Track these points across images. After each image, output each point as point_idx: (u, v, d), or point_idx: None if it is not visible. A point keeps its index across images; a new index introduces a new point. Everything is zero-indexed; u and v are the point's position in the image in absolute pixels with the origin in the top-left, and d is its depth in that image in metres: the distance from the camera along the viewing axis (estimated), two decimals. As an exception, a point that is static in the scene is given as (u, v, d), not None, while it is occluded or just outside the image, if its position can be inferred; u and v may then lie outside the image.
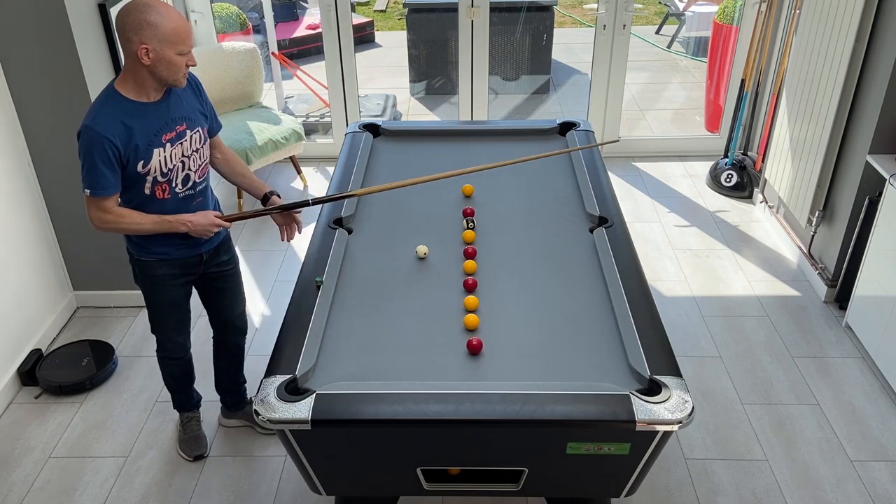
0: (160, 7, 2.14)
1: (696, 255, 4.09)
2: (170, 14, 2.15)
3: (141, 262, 2.54)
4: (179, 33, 2.16)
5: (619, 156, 5.12)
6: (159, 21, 2.12)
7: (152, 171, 2.32)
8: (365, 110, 5.44)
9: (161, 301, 2.64)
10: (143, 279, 2.59)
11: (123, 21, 2.13)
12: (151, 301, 2.65)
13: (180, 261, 2.55)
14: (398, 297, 2.44)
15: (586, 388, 2.00)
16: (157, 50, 2.14)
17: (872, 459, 2.87)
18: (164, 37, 2.13)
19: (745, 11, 4.68)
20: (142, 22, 2.10)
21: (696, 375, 3.27)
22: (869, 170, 3.35)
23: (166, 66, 2.19)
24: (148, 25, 2.11)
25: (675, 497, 2.73)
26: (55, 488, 2.81)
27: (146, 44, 2.12)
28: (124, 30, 2.13)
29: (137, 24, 2.11)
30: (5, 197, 3.19)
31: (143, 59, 2.15)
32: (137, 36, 2.12)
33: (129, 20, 2.12)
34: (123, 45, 2.16)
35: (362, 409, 1.95)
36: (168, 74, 2.21)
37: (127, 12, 2.13)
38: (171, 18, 2.14)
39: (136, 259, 2.55)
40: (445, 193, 3.01)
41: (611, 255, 2.56)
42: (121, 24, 2.13)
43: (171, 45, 2.15)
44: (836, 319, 3.59)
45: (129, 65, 2.21)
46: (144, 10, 2.11)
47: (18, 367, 3.27)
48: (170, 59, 2.17)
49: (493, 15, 4.81)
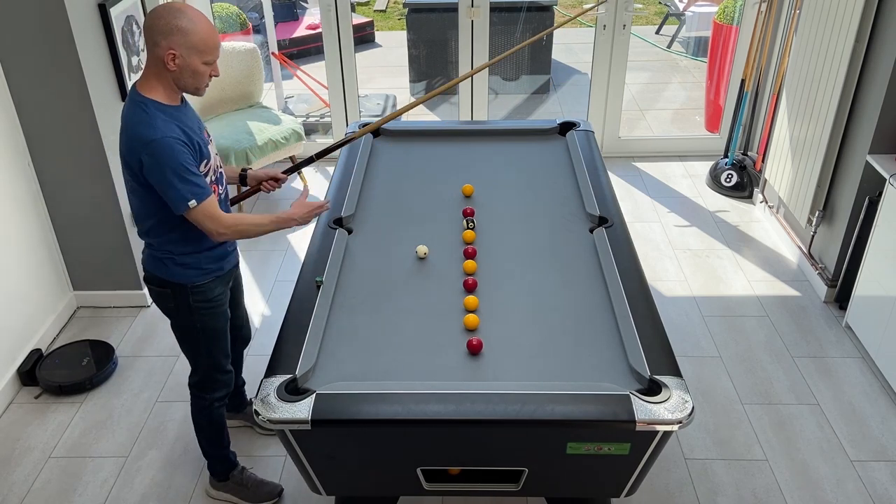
0: (192, 14, 2.08)
1: (696, 255, 4.09)
2: (201, 22, 2.08)
3: (195, 290, 2.33)
4: (208, 42, 2.09)
5: (619, 156, 5.12)
6: (190, 28, 2.05)
7: (211, 171, 2.26)
8: (365, 110, 5.44)
9: (218, 327, 2.44)
10: (198, 308, 2.37)
11: (153, 23, 2.06)
12: (206, 331, 2.42)
13: (228, 273, 2.45)
14: (398, 297, 2.43)
15: (586, 388, 2.00)
16: (185, 57, 2.07)
17: (872, 459, 2.87)
18: (192, 45, 2.07)
19: (745, 11, 4.68)
20: (173, 27, 2.04)
21: (696, 375, 3.27)
22: (869, 170, 3.35)
23: (191, 74, 2.12)
24: (178, 31, 2.04)
25: (675, 497, 2.73)
26: (55, 488, 2.81)
27: (174, 49, 2.06)
28: (153, 32, 2.06)
29: (168, 29, 2.04)
30: (5, 197, 3.19)
31: (169, 64, 2.08)
32: (166, 41, 2.05)
33: (160, 23, 2.05)
34: (150, 47, 2.09)
35: (362, 409, 1.95)
36: (191, 83, 2.14)
37: (158, 15, 2.06)
38: (201, 26, 2.07)
39: (189, 288, 2.33)
40: (445, 193, 3.01)
41: (611, 255, 2.56)
42: (150, 25, 2.07)
43: (198, 53, 2.09)
44: (836, 319, 3.59)
45: (153, 69, 2.12)
46: (177, 15, 2.05)
47: (18, 367, 3.27)
48: (195, 67, 2.10)
49: (493, 15, 4.81)
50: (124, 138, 2.12)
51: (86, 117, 3.24)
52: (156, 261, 2.33)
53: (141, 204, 2.23)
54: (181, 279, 2.32)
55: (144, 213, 2.25)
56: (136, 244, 3.62)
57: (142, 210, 2.24)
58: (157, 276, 2.34)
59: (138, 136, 2.08)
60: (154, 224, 2.25)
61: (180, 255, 2.30)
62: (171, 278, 2.32)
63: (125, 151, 2.13)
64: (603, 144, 5.08)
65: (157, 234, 2.28)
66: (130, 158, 2.12)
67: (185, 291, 2.34)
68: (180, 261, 2.30)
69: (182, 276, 2.32)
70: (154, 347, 3.49)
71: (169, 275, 2.32)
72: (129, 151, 2.11)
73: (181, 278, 2.32)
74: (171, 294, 2.35)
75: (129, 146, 2.11)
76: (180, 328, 2.45)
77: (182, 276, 2.32)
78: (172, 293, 2.35)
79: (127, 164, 2.15)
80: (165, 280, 2.33)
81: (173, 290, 2.34)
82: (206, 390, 2.54)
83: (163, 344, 3.50)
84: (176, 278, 2.32)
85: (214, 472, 2.72)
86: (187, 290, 2.34)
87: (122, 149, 2.15)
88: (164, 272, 2.32)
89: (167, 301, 2.38)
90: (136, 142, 2.09)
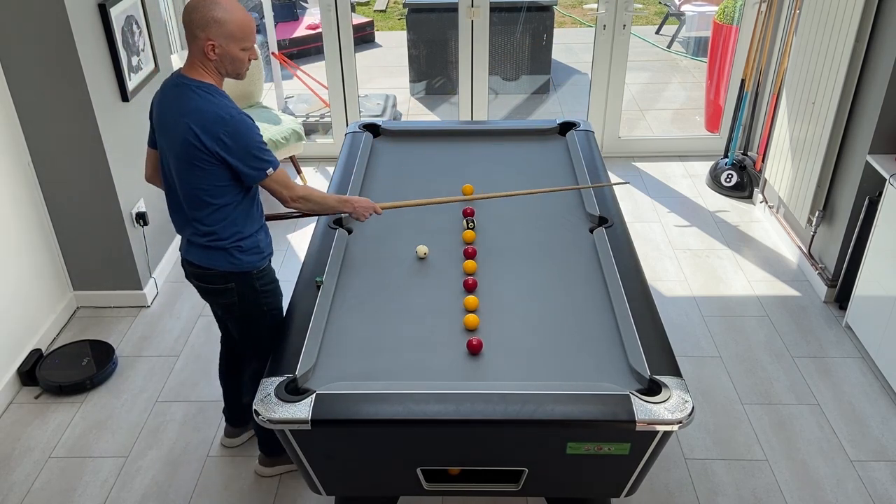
0: (226, 3, 2.14)
1: (696, 255, 4.09)
2: (235, 10, 2.14)
3: (260, 274, 2.39)
4: (244, 29, 2.16)
5: (619, 156, 5.12)
6: (226, 18, 2.12)
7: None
8: (365, 110, 5.44)
9: (280, 305, 2.48)
10: (264, 292, 2.41)
11: (190, 17, 2.12)
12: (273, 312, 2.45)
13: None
14: (398, 297, 2.43)
15: (586, 388, 2.00)
16: (223, 46, 2.14)
17: (872, 459, 2.87)
18: (230, 33, 2.13)
19: (745, 11, 4.68)
20: (209, 19, 2.11)
21: (696, 375, 3.27)
22: (869, 170, 3.35)
23: (231, 61, 2.19)
24: (215, 22, 2.11)
25: (675, 497, 2.73)
26: (55, 488, 2.81)
27: (213, 40, 2.13)
28: (191, 26, 2.13)
29: (205, 21, 2.11)
30: (5, 197, 3.19)
31: (210, 54, 2.15)
32: (204, 32, 2.12)
33: (196, 16, 2.11)
34: (190, 39, 2.16)
35: (362, 409, 1.95)
36: (232, 69, 2.21)
37: (194, 8, 2.12)
38: (236, 15, 2.14)
39: (255, 275, 2.38)
40: (445, 193, 3.01)
41: (611, 255, 2.56)
42: (188, 20, 2.13)
43: (236, 41, 2.15)
44: (836, 319, 3.59)
45: (197, 59, 2.19)
46: (211, 7, 2.11)
47: (18, 367, 3.27)
48: (234, 54, 2.17)
49: (493, 15, 4.81)
50: (194, 121, 2.13)
51: (86, 117, 3.24)
52: (218, 253, 2.32)
53: (207, 188, 2.22)
54: (247, 266, 2.35)
55: (208, 198, 2.24)
56: (137, 244, 3.62)
57: (204, 196, 2.24)
58: (220, 270, 2.34)
59: (215, 115, 2.14)
60: (217, 209, 2.26)
61: (245, 239, 2.32)
62: (236, 268, 2.34)
63: (198, 134, 2.13)
64: (603, 144, 5.08)
65: (221, 219, 2.28)
66: (206, 140, 2.13)
67: (250, 279, 2.37)
68: (246, 245, 2.33)
69: (247, 264, 2.35)
70: (154, 347, 3.49)
71: (234, 265, 2.33)
72: (205, 133, 2.13)
73: (247, 266, 2.35)
74: (234, 287, 2.37)
75: (205, 127, 2.13)
76: (245, 318, 2.45)
77: (247, 264, 2.35)
78: (237, 285, 2.37)
79: (195, 147, 2.15)
80: (228, 273, 2.34)
81: (238, 282, 2.36)
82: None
83: (163, 344, 3.50)
84: (242, 267, 2.34)
85: (272, 450, 2.75)
86: (252, 277, 2.37)
87: (187, 134, 2.14)
88: (228, 264, 2.33)
89: (229, 295, 2.39)
90: (213, 122, 2.13)
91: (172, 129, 2.19)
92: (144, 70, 3.66)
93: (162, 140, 2.27)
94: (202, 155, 2.16)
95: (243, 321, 2.47)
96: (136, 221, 3.61)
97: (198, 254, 2.35)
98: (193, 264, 2.38)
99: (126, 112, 3.53)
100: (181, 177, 2.24)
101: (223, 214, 2.27)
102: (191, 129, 2.13)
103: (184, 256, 2.42)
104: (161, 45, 3.87)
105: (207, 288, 2.42)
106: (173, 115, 2.18)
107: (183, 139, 2.15)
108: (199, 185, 2.22)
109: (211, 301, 2.51)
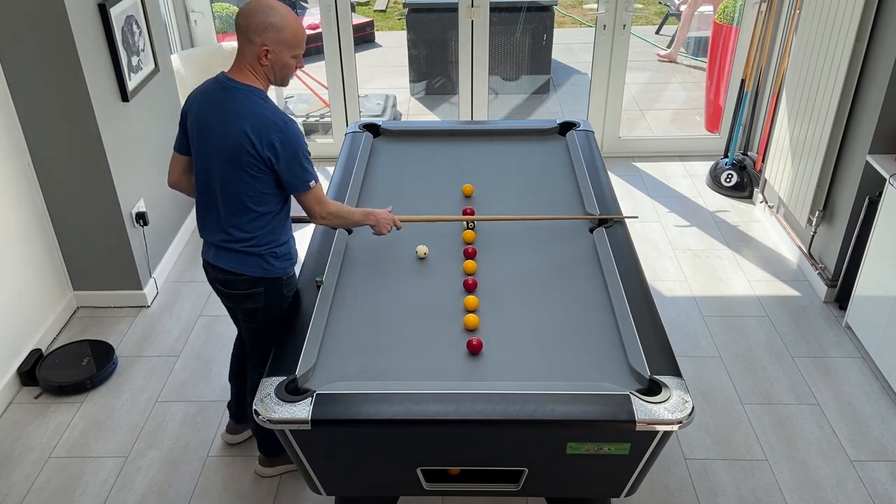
0: (283, 10, 2.16)
1: (696, 255, 4.09)
2: (291, 17, 2.17)
3: (289, 280, 2.41)
4: (298, 38, 2.19)
5: (619, 156, 5.12)
6: (283, 24, 2.14)
7: None
8: (365, 110, 5.44)
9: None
10: (287, 297, 2.41)
11: (247, 22, 2.14)
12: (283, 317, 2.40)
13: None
14: (398, 297, 2.43)
15: (586, 388, 2.00)
16: (276, 52, 2.16)
17: (872, 459, 2.87)
18: (285, 40, 2.16)
19: (745, 11, 4.68)
20: (266, 25, 2.13)
21: (696, 375, 3.27)
22: (869, 170, 3.35)
23: (281, 68, 2.21)
24: (271, 28, 2.13)
25: (675, 497, 2.73)
26: (55, 488, 2.81)
27: (267, 45, 2.15)
28: (247, 30, 2.14)
29: (262, 27, 2.13)
30: (5, 197, 3.19)
31: (262, 59, 2.17)
32: (260, 38, 2.14)
33: (254, 21, 2.13)
34: (243, 43, 2.17)
35: (362, 410, 1.95)
36: (280, 75, 2.23)
37: (251, 13, 2.14)
38: (292, 22, 2.16)
39: (284, 281, 2.39)
40: (445, 193, 3.01)
41: (611, 255, 2.56)
42: (244, 24, 2.15)
43: (289, 48, 2.18)
44: (836, 319, 3.59)
45: (247, 63, 2.20)
46: (269, 13, 2.13)
47: (18, 367, 3.27)
48: (285, 61, 2.20)
49: (493, 15, 4.81)
50: (250, 126, 2.14)
51: (86, 117, 3.24)
52: (252, 259, 2.32)
53: (253, 195, 2.23)
54: (279, 272, 2.36)
55: (253, 205, 2.24)
56: (137, 244, 3.62)
57: (249, 202, 2.24)
58: (251, 275, 2.33)
59: (269, 120, 2.15)
60: (258, 216, 2.27)
61: (280, 246, 2.34)
62: (268, 274, 2.34)
63: (252, 139, 2.14)
64: (603, 144, 5.08)
65: (261, 227, 2.29)
66: (259, 145, 2.14)
67: (279, 284, 2.38)
68: (281, 252, 2.35)
69: (279, 270, 2.36)
70: (154, 347, 3.49)
71: (266, 271, 2.34)
72: (260, 137, 2.14)
73: (279, 272, 2.36)
74: (262, 292, 2.37)
75: (260, 132, 2.14)
76: (266, 322, 2.43)
77: (279, 270, 2.36)
78: (266, 290, 2.37)
79: (247, 153, 2.15)
80: (259, 278, 2.34)
81: (268, 287, 2.36)
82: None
83: (163, 344, 3.50)
84: (274, 273, 2.35)
85: (272, 451, 2.75)
86: (282, 283, 2.38)
87: (241, 138, 2.14)
88: (261, 270, 2.33)
89: (256, 300, 2.38)
90: (268, 127, 2.14)
91: (221, 132, 2.18)
92: (144, 70, 3.66)
93: (203, 144, 2.25)
94: (253, 161, 2.17)
95: (262, 327, 2.46)
96: (136, 221, 3.61)
97: (230, 259, 2.33)
98: (224, 270, 2.35)
99: (126, 112, 3.53)
100: (226, 182, 2.23)
101: (264, 222, 2.29)
102: (245, 133, 2.14)
103: (211, 262, 2.38)
104: (161, 45, 3.87)
105: (234, 294, 2.40)
106: (223, 119, 2.18)
107: (235, 144, 2.16)
108: (244, 192, 2.22)
109: (234, 305, 2.47)
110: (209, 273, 2.43)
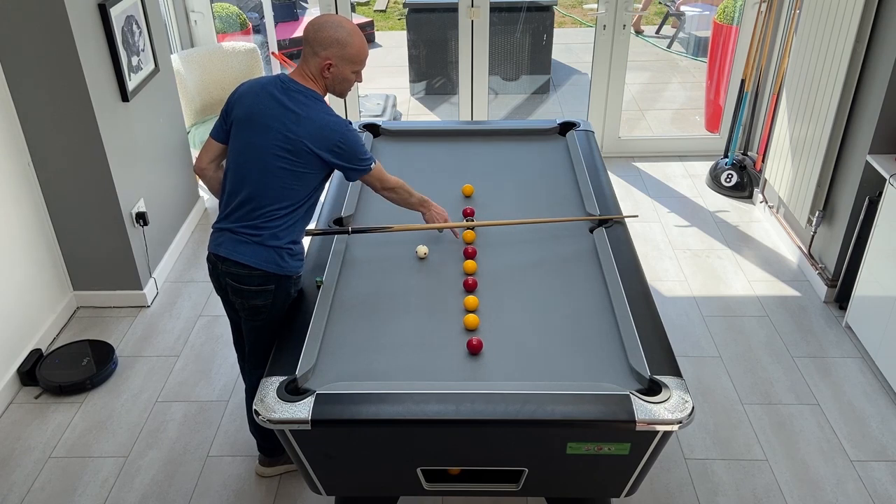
0: (349, 26, 2.25)
1: (696, 255, 4.09)
2: (356, 35, 2.25)
3: (298, 280, 2.43)
4: (361, 55, 2.28)
5: (619, 156, 5.12)
6: (349, 41, 2.23)
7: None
8: (365, 110, 5.44)
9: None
10: (292, 296, 2.42)
11: (315, 35, 2.23)
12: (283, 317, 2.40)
13: None
14: (398, 296, 2.44)
15: (586, 388, 2.00)
16: (339, 66, 2.26)
17: (872, 459, 2.87)
18: (348, 56, 2.25)
19: (745, 11, 4.68)
20: (333, 40, 2.22)
21: (696, 375, 3.27)
22: (869, 170, 3.36)
23: (340, 82, 2.30)
24: (337, 43, 2.22)
25: (675, 497, 2.73)
26: (55, 488, 2.81)
27: (331, 60, 2.24)
28: (314, 43, 2.24)
29: (329, 41, 2.22)
30: (5, 197, 3.19)
31: (325, 72, 2.26)
32: (326, 52, 2.23)
33: (322, 35, 2.22)
34: (308, 55, 2.26)
35: (362, 409, 1.95)
36: (340, 88, 2.33)
37: (320, 27, 2.23)
38: (357, 39, 2.25)
39: (294, 279, 2.41)
40: (445, 193, 3.01)
41: (611, 255, 2.56)
42: (312, 37, 2.24)
43: (351, 64, 2.27)
44: (836, 319, 3.59)
45: (310, 73, 2.28)
46: (337, 28, 2.23)
47: (18, 367, 3.27)
48: (346, 76, 2.29)
49: (493, 15, 4.81)
50: (311, 129, 2.23)
51: (86, 117, 3.24)
52: (270, 252, 2.33)
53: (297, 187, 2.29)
54: (291, 270, 2.38)
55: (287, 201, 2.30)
56: (137, 244, 3.62)
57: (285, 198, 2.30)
58: (266, 271, 2.33)
59: (335, 124, 2.26)
60: (289, 213, 2.32)
61: (296, 244, 2.39)
62: (282, 271, 2.35)
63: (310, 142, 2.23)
64: (603, 144, 5.08)
65: (288, 223, 2.33)
66: (318, 148, 2.24)
67: (289, 283, 2.39)
68: (296, 250, 2.39)
69: (292, 268, 2.38)
70: (154, 347, 3.49)
71: (281, 268, 2.35)
72: (320, 141, 2.24)
73: (291, 270, 2.38)
74: (273, 289, 2.37)
75: (322, 137, 2.24)
76: (269, 321, 2.43)
77: (292, 268, 2.38)
78: (276, 287, 2.37)
79: (303, 152, 2.24)
80: (272, 275, 2.34)
81: (278, 284, 2.37)
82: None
83: (163, 344, 3.50)
84: (287, 270, 2.37)
85: (272, 451, 2.75)
86: (292, 281, 2.40)
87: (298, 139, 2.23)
88: (277, 266, 2.34)
89: (265, 297, 2.38)
90: (331, 133, 2.25)
91: (275, 128, 2.24)
92: (144, 70, 3.66)
93: (251, 136, 2.29)
94: (308, 159, 2.25)
95: (264, 325, 2.44)
96: (136, 221, 3.61)
97: (246, 253, 2.33)
98: (238, 263, 2.34)
99: (126, 112, 3.53)
100: (267, 175, 2.27)
101: (291, 220, 2.34)
102: (304, 135, 2.22)
103: (226, 256, 2.35)
104: (161, 45, 3.87)
105: (245, 289, 2.38)
106: (281, 118, 2.24)
107: (291, 142, 2.23)
108: (289, 185, 2.28)
109: (242, 301, 2.42)
110: (218, 267, 2.40)
